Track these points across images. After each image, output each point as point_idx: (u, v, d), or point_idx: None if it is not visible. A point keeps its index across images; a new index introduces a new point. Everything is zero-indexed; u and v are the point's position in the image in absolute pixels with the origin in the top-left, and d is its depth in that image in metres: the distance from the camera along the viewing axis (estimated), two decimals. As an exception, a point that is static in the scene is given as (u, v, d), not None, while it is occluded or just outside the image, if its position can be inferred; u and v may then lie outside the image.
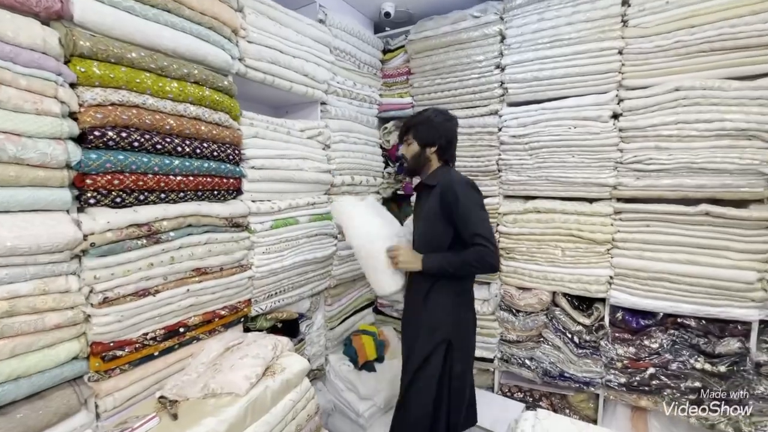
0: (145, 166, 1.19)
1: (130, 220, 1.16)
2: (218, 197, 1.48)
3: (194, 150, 1.35)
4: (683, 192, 1.69)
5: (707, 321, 1.72)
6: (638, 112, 1.76)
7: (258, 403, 1.21)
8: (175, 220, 1.28)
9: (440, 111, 1.52)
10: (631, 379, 1.82)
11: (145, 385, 1.27)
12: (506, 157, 2.10)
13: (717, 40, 1.58)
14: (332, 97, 2.11)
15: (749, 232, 1.59)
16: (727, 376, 1.64)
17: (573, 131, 1.88)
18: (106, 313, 1.12)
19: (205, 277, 1.41)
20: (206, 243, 1.40)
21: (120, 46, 1.13)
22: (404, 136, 1.55)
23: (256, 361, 1.30)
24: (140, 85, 1.17)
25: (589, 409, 2.04)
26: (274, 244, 1.70)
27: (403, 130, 1.55)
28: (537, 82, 1.98)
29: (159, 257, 1.25)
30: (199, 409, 1.15)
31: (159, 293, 1.26)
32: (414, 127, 1.52)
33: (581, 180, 1.90)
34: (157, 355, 1.30)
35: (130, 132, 1.16)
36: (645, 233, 1.79)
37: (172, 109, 1.27)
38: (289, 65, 1.77)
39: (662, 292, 1.76)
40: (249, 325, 1.69)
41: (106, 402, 1.17)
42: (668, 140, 1.69)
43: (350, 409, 2.04)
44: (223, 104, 1.45)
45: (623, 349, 1.85)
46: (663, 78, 1.71)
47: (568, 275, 1.97)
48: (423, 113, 1.52)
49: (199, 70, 1.35)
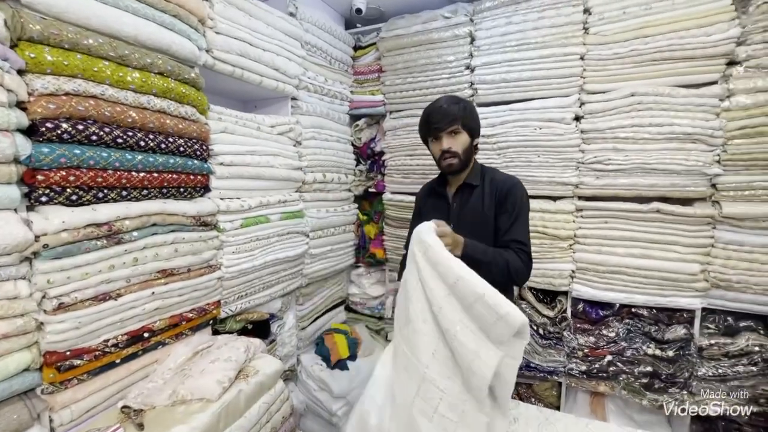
0: (104, 162, 1.11)
1: (89, 219, 1.08)
2: (185, 195, 1.41)
3: (159, 145, 1.27)
4: (637, 191, 1.82)
5: (657, 310, 1.86)
6: (598, 115, 1.87)
7: (231, 407, 1.17)
8: (138, 219, 1.21)
9: (454, 96, 1.38)
10: (590, 366, 1.94)
11: (106, 395, 1.19)
12: (476, 157, 2.15)
13: (667, 50, 1.71)
14: (303, 93, 2.07)
15: (694, 228, 1.74)
16: (675, 359, 1.79)
17: (538, 132, 1.96)
18: (61, 320, 1.04)
19: (172, 279, 1.34)
20: (172, 243, 1.33)
21: (75, 31, 1.04)
22: (450, 126, 1.29)
23: (228, 364, 1.25)
24: (98, 74, 1.09)
25: (553, 397, 2.15)
26: (244, 243, 1.65)
27: (449, 118, 1.29)
28: (505, 83, 2.05)
29: (121, 258, 1.18)
30: (167, 417, 1.09)
31: (121, 297, 1.18)
32: (462, 114, 1.29)
33: (546, 179, 1.99)
34: (119, 362, 1.22)
35: (87, 124, 1.07)
36: (604, 229, 1.90)
37: (135, 100, 1.19)
38: (259, 59, 1.71)
39: (619, 285, 1.88)
40: (218, 327, 1.63)
41: (62, 415, 1.09)
42: (624, 142, 1.81)
43: (323, 408, 2.02)
44: (190, 97, 1.38)
45: (584, 339, 1.96)
46: (620, 84, 1.82)
47: (534, 270, 2.04)
48: (457, 99, 1.33)
49: (164, 61, 1.28)
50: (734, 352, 1.70)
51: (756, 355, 1.65)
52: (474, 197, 1.36)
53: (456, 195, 1.40)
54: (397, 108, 2.37)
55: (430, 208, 1.46)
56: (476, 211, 1.34)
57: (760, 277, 1.62)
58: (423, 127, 1.41)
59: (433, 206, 1.46)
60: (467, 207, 1.37)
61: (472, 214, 1.34)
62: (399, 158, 2.37)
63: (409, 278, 1.13)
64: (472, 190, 1.37)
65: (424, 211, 1.49)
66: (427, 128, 1.37)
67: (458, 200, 1.39)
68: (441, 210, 1.41)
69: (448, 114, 1.29)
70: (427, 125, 1.37)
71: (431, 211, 1.43)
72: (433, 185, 1.50)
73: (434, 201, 1.46)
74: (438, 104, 1.34)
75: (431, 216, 1.38)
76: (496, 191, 1.34)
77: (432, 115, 1.33)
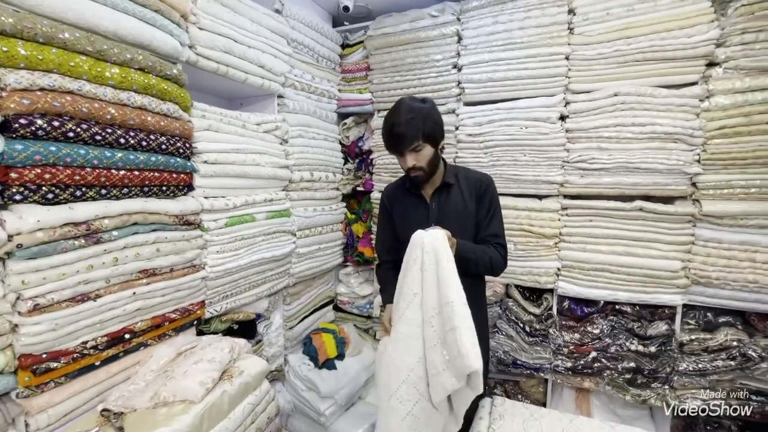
0: (82, 159, 1.08)
1: (65, 218, 1.05)
2: (167, 193, 1.39)
3: (140, 142, 1.25)
4: (621, 189, 1.85)
5: (640, 307, 1.89)
6: (582, 114, 1.89)
7: (215, 409, 1.16)
8: (118, 218, 1.18)
9: (422, 99, 1.31)
10: (576, 363, 1.96)
11: (85, 398, 1.17)
12: (463, 155, 2.16)
13: (649, 50, 1.74)
14: (290, 91, 2.05)
15: (675, 226, 1.77)
16: (657, 355, 1.82)
17: (524, 131, 1.98)
18: (36, 322, 1.01)
19: (154, 279, 1.31)
20: (154, 242, 1.31)
21: (50, 24, 1.02)
22: (411, 145, 1.25)
23: (212, 365, 1.23)
24: (75, 70, 1.06)
25: (539, 393, 2.17)
26: (229, 242, 1.62)
27: (408, 140, 1.24)
28: (492, 83, 2.06)
29: (100, 258, 1.15)
30: (148, 420, 1.07)
31: (100, 298, 1.15)
32: (423, 129, 1.24)
33: (532, 178, 2.01)
34: (98, 364, 1.19)
35: (63, 121, 1.04)
36: (588, 227, 1.93)
37: (114, 97, 1.16)
38: (244, 55, 1.69)
39: (603, 282, 1.90)
40: (203, 327, 1.61)
41: (38, 420, 1.06)
42: (608, 141, 1.83)
43: (311, 408, 2.01)
44: (172, 94, 1.35)
45: (569, 336, 1.98)
46: (604, 84, 1.85)
47: (520, 268, 2.07)
48: (415, 109, 1.25)
49: (144, 56, 1.25)
50: (713, 347, 1.74)
51: (734, 349, 1.69)
52: (453, 195, 1.37)
53: (434, 195, 1.39)
54: (386, 107, 2.37)
55: (406, 209, 1.43)
56: (458, 208, 1.36)
57: (738, 274, 1.66)
58: (385, 143, 1.33)
59: (408, 207, 1.43)
60: (449, 206, 1.37)
61: (455, 212, 1.36)
62: (387, 157, 2.36)
63: (410, 281, 1.16)
64: (449, 188, 1.38)
65: (398, 212, 1.45)
66: (389, 147, 1.31)
67: (437, 200, 1.38)
68: (419, 211, 1.40)
69: (407, 136, 1.23)
70: (386, 145, 1.31)
71: (409, 212, 1.42)
72: (405, 186, 1.44)
73: (410, 202, 1.42)
74: (396, 122, 1.24)
75: (410, 217, 1.41)
76: (474, 187, 1.38)
77: (391, 138, 1.27)
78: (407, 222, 1.40)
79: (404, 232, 1.39)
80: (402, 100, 1.29)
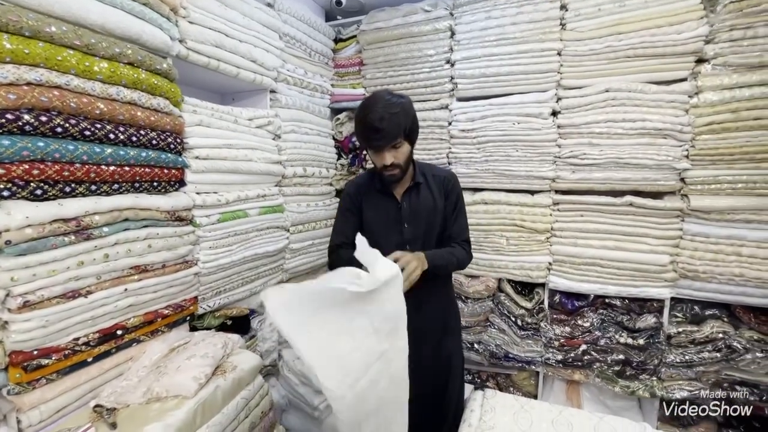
0: (71, 155, 1.07)
1: (55, 214, 1.04)
2: (159, 189, 1.38)
3: (129, 138, 1.23)
4: (611, 184, 1.87)
5: (630, 300, 1.92)
6: (574, 110, 1.91)
7: (208, 404, 1.16)
8: (109, 214, 1.17)
9: (398, 94, 1.27)
10: (566, 356, 1.99)
11: (78, 395, 1.16)
12: (456, 151, 2.17)
13: (640, 47, 1.75)
14: (282, 86, 2.04)
15: (664, 221, 1.80)
16: (645, 347, 1.86)
17: (517, 127, 1.99)
18: (26, 319, 1.00)
19: (146, 275, 1.31)
20: (146, 238, 1.30)
21: (36, 18, 1.00)
22: (394, 140, 1.21)
23: (205, 360, 1.24)
24: (62, 64, 1.05)
25: (530, 386, 2.21)
26: (221, 238, 1.62)
27: (390, 137, 1.20)
28: (484, 78, 2.06)
29: (91, 255, 1.14)
30: (141, 416, 1.08)
31: (92, 294, 1.15)
32: (404, 126, 1.22)
33: (524, 173, 2.02)
34: (90, 361, 1.19)
35: (51, 116, 1.03)
36: (579, 222, 1.95)
37: (102, 91, 1.15)
38: (236, 50, 1.68)
39: (593, 276, 1.93)
40: (196, 323, 1.61)
41: (30, 416, 1.05)
42: (599, 137, 1.85)
43: (305, 403, 2.02)
44: (162, 88, 1.34)
45: (560, 329, 2.01)
46: (595, 80, 1.87)
47: (512, 263, 2.09)
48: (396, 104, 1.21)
49: (134, 50, 1.23)
50: (700, 339, 1.77)
51: (720, 341, 1.73)
52: (423, 194, 1.37)
53: (405, 195, 1.37)
54: (378, 102, 2.36)
55: (377, 209, 1.39)
56: (429, 207, 1.37)
57: (724, 267, 1.69)
58: (359, 136, 1.28)
59: (378, 206, 1.39)
60: (420, 205, 1.37)
61: (426, 211, 1.36)
62: (380, 152, 2.36)
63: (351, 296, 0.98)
64: (419, 187, 1.38)
65: (367, 210, 1.41)
66: (365, 142, 1.26)
67: (408, 200, 1.37)
68: (390, 210, 1.39)
69: (390, 132, 1.19)
70: (365, 139, 1.25)
71: (380, 212, 1.39)
72: (373, 184, 1.41)
73: (380, 202, 1.39)
74: (378, 116, 1.17)
75: (381, 217, 1.38)
76: (441, 185, 1.40)
77: (372, 132, 1.20)
78: (379, 222, 1.38)
79: (374, 233, 1.36)
80: (378, 93, 1.25)
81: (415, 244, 1.36)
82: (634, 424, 1.30)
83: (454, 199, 1.40)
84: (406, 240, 1.37)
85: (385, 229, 1.38)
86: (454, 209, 1.40)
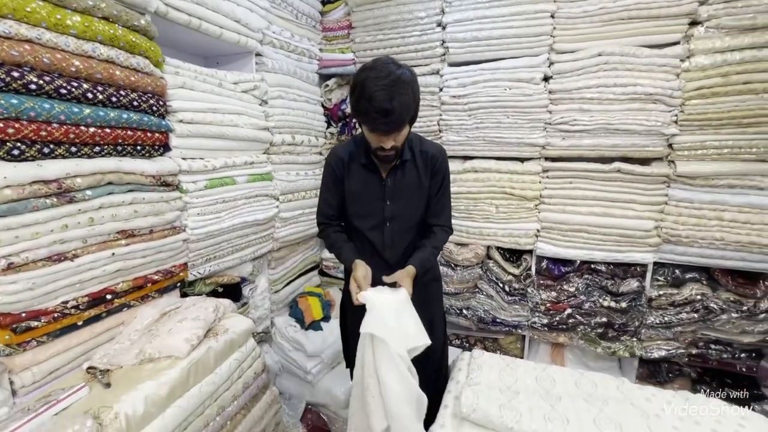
0: (47, 114, 1.03)
1: (34, 175, 1.01)
2: (143, 153, 1.34)
3: (109, 98, 1.19)
4: (600, 151, 1.87)
5: (614, 265, 1.97)
6: (566, 75, 1.88)
7: (201, 364, 1.18)
8: (91, 177, 1.15)
9: (404, 66, 1.15)
10: (552, 320, 2.06)
11: (70, 357, 1.17)
12: (447, 118, 2.14)
13: (634, 8, 1.72)
14: (268, 49, 1.97)
15: (650, 187, 1.82)
16: (627, 310, 1.92)
17: (508, 92, 1.97)
18: (12, 281, 1.00)
19: (133, 240, 1.30)
20: (131, 203, 1.28)
21: (0, -36, 0.94)
22: (401, 127, 1.15)
23: (197, 323, 1.25)
24: (32, 16, 0.99)
25: (517, 349, 2.29)
26: (209, 205, 1.60)
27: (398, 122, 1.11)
28: (476, 42, 2.01)
29: (75, 218, 1.12)
30: (135, 376, 1.09)
31: (78, 258, 1.14)
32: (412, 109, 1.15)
33: (515, 140, 2.01)
34: (81, 324, 1.19)
35: (23, 72, 0.99)
36: (568, 189, 1.96)
37: (77, 47, 1.09)
38: (218, 8, 1.60)
39: (580, 242, 1.97)
40: (186, 290, 1.61)
41: (23, 377, 1.07)
42: (590, 103, 1.84)
43: (298, 367, 2.07)
44: (141, 47, 1.28)
45: (546, 294, 2.06)
46: (588, 43, 1.83)
47: (501, 230, 2.11)
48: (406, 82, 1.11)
49: (108, 4, 1.17)
50: (679, 302, 1.84)
51: (698, 303, 1.79)
52: (408, 171, 1.32)
53: (391, 172, 1.34)
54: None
55: (360, 184, 1.35)
56: (413, 185, 1.33)
57: (706, 232, 1.74)
58: (360, 115, 1.16)
59: (363, 180, 1.35)
60: (404, 182, 1.33)
61: (409, 190, 1.34)
62: (370, 120, 2.32)
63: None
64: (405, 164, 1.33)
65: (351, 185, 1.37)
66: (369, 123, 1.15)
67: (393, 177, 1.33)
68: (374, 186, 1.35)
69: (399, 119, 1.09)
70: (369, 121, 1.13)
71: (363, 188, 1.36)
72: (359, 156, 1.35)
73: (365, 177, 1.35)
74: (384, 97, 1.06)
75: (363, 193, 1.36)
76: (428, 162, 1.34)
77: (377, 115, 1.09)
78: (361, 198, 1.36)
79: (356, 208, 1.38)
80: (385, 61, 1.13)
81: (395, 221, 1.36)
82: (613, 378, 1.36)
83: (440, 179, 1.37)
84: (387, 217, 1.36)
85: (367, 206, 1.37)
86: (439, 189, 1.37)
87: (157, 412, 1.03)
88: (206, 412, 1.18)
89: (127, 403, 0.97)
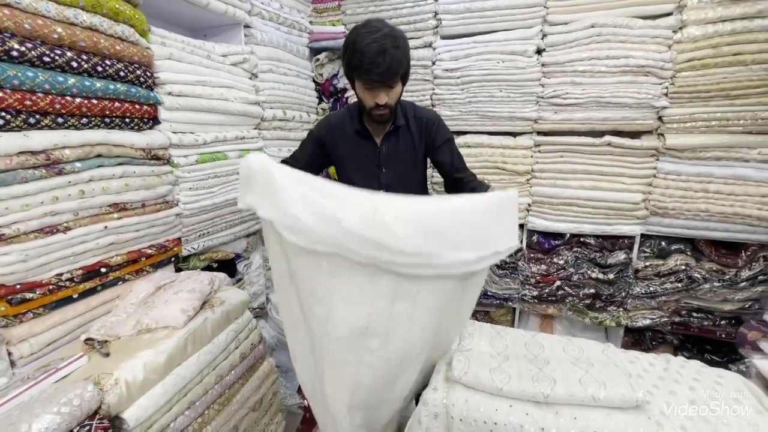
0: (31, 83, 1.01)
1: (21, 146, 0.99)
2: (131, 126, 1.32)
3: (94, 67, 1.16)
4: (591, 125, 1.89)
5: (603, 238, 2.02)
6: (559, 47, 1.87)
7: (198, 334, 1.20)
8: (80, 149, 1.13)
9: (388, 24, 1.16)
10: (541, 292, 2.11)
11: (67, 329, 1.18)
12: (439, 92, 2.13)
13: (628, -22, 1.70)
14: (257, 20, 1.92)
15: (639, 160, 1.85)
16: (614, 281, 1.98)
17: (501, 66, 1.95)
18: (5, 252, 0.99)
19: (125, 214, 1.29)
20: (122, 176, 1.27)
21: None
22: (394, 78, 1.15)
23: (193, 294, 1.26)
24: (9, -22, 0.96)
25: (507, 321, 2.35)
26: (201, 179, 1.59)
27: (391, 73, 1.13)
28: (469, 13, 1.98)
29: (65, 190, 1.11)
30: (133, 345, 1.11)
31: (70, 230, 1.13)
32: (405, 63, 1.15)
33: (507, 114, 2.01)
34: (76, 297, 1.20)
35: (4, 38, 0.95)
36: (559, 163, 1.98)
37: (58, 13, 1.06)
38: (203, -25, 1.55)
39: (570, 216, 2.00)
40: (181, 265, 1.62)
41: (21, 348, 1.07)
42: (582, 75, 1.84)
43: (294, 341, 2.10)
44: (125, 14, 1.24)
45: (536, 267, 2.11)
46: (582, 15, 1.81)
47: (493, 205, 2.13)
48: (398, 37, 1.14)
49: (88, -32, 1.13)
50: (664, 272, 1.89)
51: (682, 273, 1.85)
52: (402, 137, 1.32)
53: (385, 138, 1.34)
54: (360, 41, 2.25)
55: (354, 151, 1.35)
56: (407, 151, 1.34)
57: (692, 204, 1.78)
58: (353, 68, 1.17)
59: (357, 148, 1.36)
60: (398, 148, 1.33)
61: (405, 155, 1.34)
62: (362, 96, 2.29)
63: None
64: (398, 130, 1.33)
65: (344, 153, 1.37)
66: (360, 75, 1.17)
67: (387, 144, 1.33)
68: (368, 153, 1.36)
69: (392, 68, 1.11)
70: (362, 72, 1.14)
71: (355, 154, 1.35)
72: (351, 124, 1.35)
73: (358, 144, 1.35)
74: (376, 47, 1.09)
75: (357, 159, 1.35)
76: (423, 128, 1.34)
77: (370, 65, 1.10)
78: (356, 166, 1.36)
79: (349, 176, 1.37)
80: (375, 21, 1.16)
81: (392, 188, 1.35)
82: (599, 344, 1.41)
83: (444, 140, 1.35)
84: (383, 185, 1.36)
85: (362, 174, 1.37)
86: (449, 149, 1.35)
87: (156, 379, 1.05)
88: (205, 380, 1.20)
89: (126, 370, 0.99)
